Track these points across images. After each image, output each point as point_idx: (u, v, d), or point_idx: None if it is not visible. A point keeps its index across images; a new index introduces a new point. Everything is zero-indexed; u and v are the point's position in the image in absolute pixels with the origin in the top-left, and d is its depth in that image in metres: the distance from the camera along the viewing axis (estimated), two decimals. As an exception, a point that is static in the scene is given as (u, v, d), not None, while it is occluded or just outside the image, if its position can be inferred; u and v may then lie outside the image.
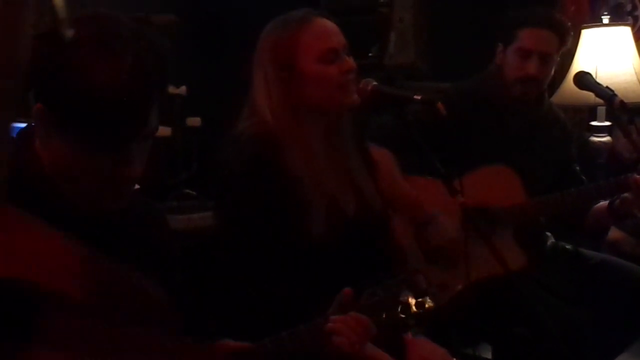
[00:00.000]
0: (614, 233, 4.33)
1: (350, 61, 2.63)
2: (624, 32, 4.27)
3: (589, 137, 4.21)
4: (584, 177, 3.68)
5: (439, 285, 3.21)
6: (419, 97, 2.67)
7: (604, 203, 3.49)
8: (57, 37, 1.28)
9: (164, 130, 4.60)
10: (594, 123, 4.16)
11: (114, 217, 1.74)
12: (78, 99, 1.51)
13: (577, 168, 3.71)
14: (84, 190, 1.64)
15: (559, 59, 3.55)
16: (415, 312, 2.09)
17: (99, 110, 1.52)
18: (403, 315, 2.11)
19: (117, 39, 1.56)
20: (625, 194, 3.34)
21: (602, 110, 4.11)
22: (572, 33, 3.57)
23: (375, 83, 2.76)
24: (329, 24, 2.64)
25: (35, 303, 0.66)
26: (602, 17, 4.44)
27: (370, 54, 5.74)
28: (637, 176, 3.27)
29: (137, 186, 3.53)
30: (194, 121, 4.70)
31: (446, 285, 3.22)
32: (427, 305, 2.07)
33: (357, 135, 2.78)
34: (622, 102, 3.11)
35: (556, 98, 4.19)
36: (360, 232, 2.64)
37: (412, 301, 2.06)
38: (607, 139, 4.12)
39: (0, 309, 0.65)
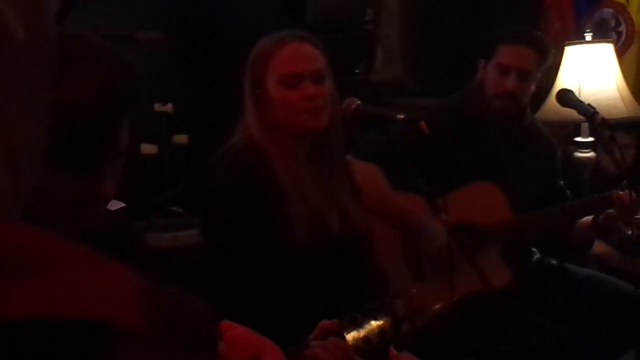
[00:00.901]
0: (599, 247, 4.34)
1: (315, 88, 2.63)
2: (607, 49, 4.30)
3: (574, 152, 4.23)
4: (568, 192, 3.70)
5: (425, 301, 3.23)
6: (402, 117, 2.69)
7: (588, 218, 3.51)
8: None
9: (151, 148, 4.61)
10: (578, 139, 4.18)
11: (87, 237, 1.73)
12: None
13: (562, 183, 3.73)
14: (55, 210, 1.64)
15: (540, 75, 3.58)
16: (392, 337, 2.10)
17: (68, 129, 1.52)
18: (381, 340, 2.12)
19: (86, 58, 1.56)
20: (609, 210, 3.36)
21: (586, 126, 4.12)
22: (552, 50, 3.60)
23: (358, 102, 2.78)
24: (303, 49, 2.66)
25: (104, 340, 0.65)
26: (585, 34, 4.46)
27: (356, 71, 5.76)
28: (620, 192, 3.30)
29: (122, 204, 3.55)
30: (181, 138, 4.70)
31: (432, 302, 3.23)
32: (403, 332, 2.09)
33: (343, 153, 2.80)
34: (603, 119, 3.13)
35: (541, 114, 4.20)
36: (344, 248, 2.66)
37: (390, 327, 2.07)
38: (591, 154, 4.13)
39: (68, 349, 0.64)
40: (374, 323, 2.11)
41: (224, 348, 1.18)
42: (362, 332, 2.15)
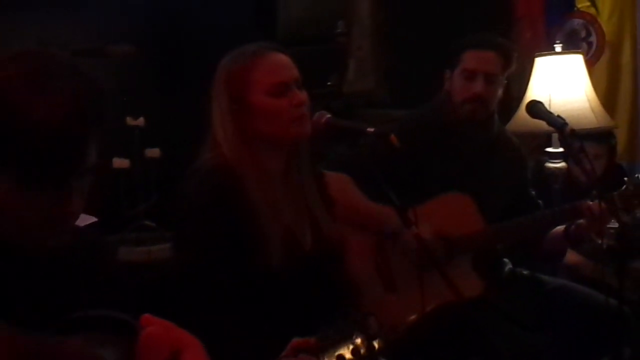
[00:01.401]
0: (572, 257, 4.36)
1: (301, 94, 2.65)
2: (577, 60, 4.33)
3: (545, 162, 4.25)
4: (540, 201, 3.71)
5: (397, 313, 3.23)
6: (372, 130, 2.70)
7: (559, 228, 3.52)
8: None
9: (123, 162, 4.59)
10: (549, 149, 4.20)
11: (55, 255, 1.73)
12: (13, 136, 1.51)
13: (532, 192, 3.75)
14: (23, 228, 1.63)
15: (505, 80, 3.60)
16: (365, 354, 2.10)
17: (34, 147, 1.51)
18: (354, 357, 2.12)
19: (52, 76, 1.56)
20: (580, 220, 3.38)
21: (557, 136, 4.15)
22: (516, 54, 3.61)
23: (329, 116, 2.78)
24: (282, 58, 2.67)
25: None
26: (555, 45, 4.49)
27: (329, 83, 5.76)
28: (590, 203, 3.31)
29: (95, 218, 3.53)
30: (153, 152, 4.69)
31: (405, 313, 3.23)
32: (377, 349, 2.09)
33: (313, 166, 2.80)
34: (572, 130, 3.15)
35: (512, 125, 4.22)
36: (317, 264, 2.66)
37: (363, 344, 2.07)
38: (562, 164, 4.16)
39: None
40: (347, 340, 2.11)
41: (142, 345, 1.18)
42: (335, 350, 2.15)
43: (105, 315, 1.40)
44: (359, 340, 2.04)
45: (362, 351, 2.05)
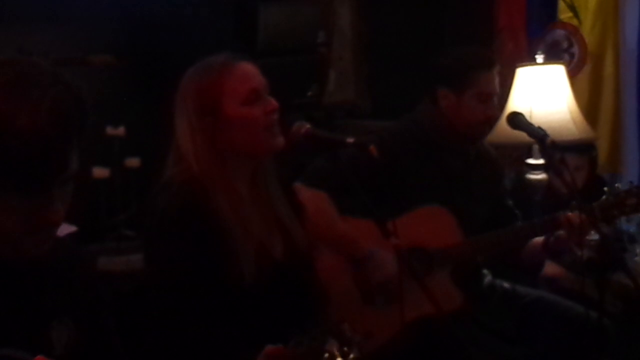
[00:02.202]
0: (552, 269, 4.36)
1: (273, 101, 2.65)
2: (558, 71, 4.32)
3: (526, 174, 4.25)
4: (517, 212, 3.71)
5: (375, 325, 3.22)
6: (351, 141, 2.68)
7: (538, 240, 3.52)
8: None
9: (103, 172, 4.58)
10: (529, 161, 4.20)
11: (36, 264, 1.72)
12: None
13: (510, 202, 3.74)
14: (2, 236, 1.61)
15: None
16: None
17: (16, 154, 1.50)
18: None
19: (34, 84, 1.55)
20: (559, 232, 3.37)
21: (537, 148, 4.15)
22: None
23: (308, 126, 2.77)
24: (250, 67, 2.67)
25: None
26: (537, 56, 4.48)
27: (309, 93, 5.75)
28: (569, 214, 3.31)
29: (74, 228, 3.51)
30: (133, 162, 4.68)
31: (383, 326, 3.22)
32: (352, 356, 2.07)
33: (281, 176, 2.79)
34: (553, 141, 3.14)
35: (492, 136, 4.21)
36: (288, 274, 2.65)
37: (337, 351, 2.06)
38: (542, 176, 4.16)
39: None
40: (321, 348, 2.09)
41: None
42: (308, 357, 2.13)
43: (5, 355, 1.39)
44: (333, 347, 2.03)
45: (337, 358, 2.04)
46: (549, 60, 4.58)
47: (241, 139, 2.60)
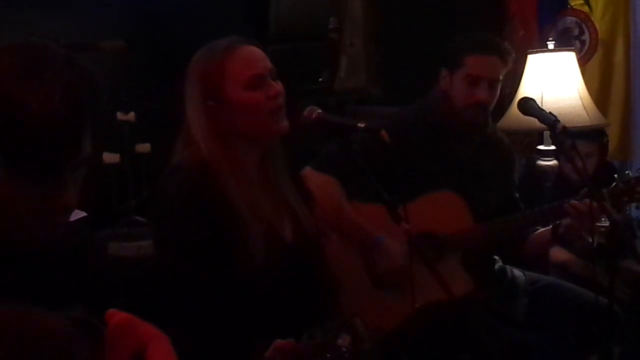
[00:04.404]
0: (562, 255, 4.37)
1: (277, 85, 2.64)
2: (569, 58, 4.32)
3: (537, 160, 4.24)
4: (522, 205, 3.69)
5: (386, 310, 3.23)
6: (362, 125, 2.68)
7: (542, 231, 3.52)
8: None
9: (113, 157, 4.58)
10: (540, 147, 4.20)
11: (47, 249, 1.72)
12: (7, 127, 1.50)
13: (517, 195, 3.73)
14: (15, 222, 1.62)
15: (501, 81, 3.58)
16: (353, 355, 2.09)
17: (29, 139, 1.50)
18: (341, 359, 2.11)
19: (47, 67, 1.55)
20: (567, 220, 3.37)
21: (549, 134, 4.14)
22: (514, 55, 3.59)
23: (319, 111, 2.77)
24: (255, 51, 2.65)
25: None
26: (548, 42, 4.48)
27: (320, 79, 5.74)
28: (575, 202, 3.30)
29: (84, 213, 3.52)
30: (144, 147, 4.68)
31: (393, 311, 3.22)
32: (365, 348, 2.08)
33: (289, 160, 2.79)
34: (564, 127, 3.13)
35: (503, 122, 4.22)
36: (298, 257, 2.66)
37: (350, 345, 2.06)
38: (553, 162, 4.16)
39: None
40: (334, 342, 2.10)
41: (108, 340, 1.17)
42: (320, 351, 2.13)
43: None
44: (346, 341, 2.03)
45: (349, 353, 2.04)
46: (560, 47, 4.57)
47: (244, 123, 2.60)
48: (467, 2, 5.74)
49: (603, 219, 3.32)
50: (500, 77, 3.51)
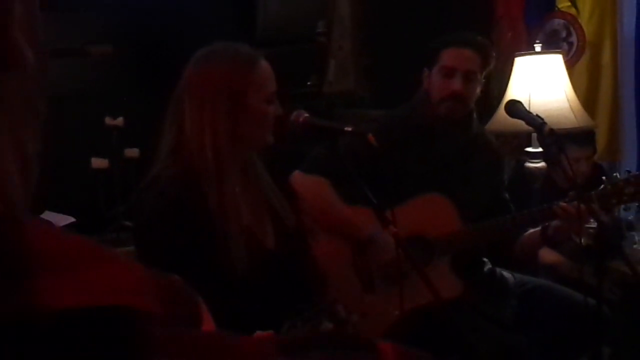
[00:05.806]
0: (551, 256, 4.37)
1: (278, 107, 2.69)
2: (556, 60, 4.33)
3: (525, 162, 4.25)
4: (512, 206, 3.70)
5: (375, 313, 3.23)
6: (350, 129, 2.69)
7: (532, 232, 3.53)
8: None
9: (102, 162, 4.58)
10: (528, 149, 4.21)
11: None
12: None
13: (506, 195, 3.74)
14: None
15: (484, 79, 3.59)
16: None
17: None
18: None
19: None
20: (556, 222, 3.38)
21: (537, 136, 4.16)
22: (494, 53, 3.61)
23: (306, 115, 2.78)
24: (269, 67, 2.68)
25: (131, 323, 0.75)
26: (535, 45, 4.49)
27: (308, 83, 5.75)
28: (563, 204, 3.31)
29: (73, 219, 3.50)
30: (132, 152, 4.68)
31: (383, 313, 3.23)
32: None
33: (274, 165, 2.80)
34: (551, 130, 3.14)
35: (492, 125, 4.23)
36: (282, 263, 2.66)
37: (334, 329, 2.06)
38: (541, 164, 4.16)
39: (104, 333, 0.73)
40: (316, 329, 2.09)
41: None
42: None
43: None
44: (329, 328, 2.03)
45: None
46: (547, 49, 4.59)
47: (253, 131, 2.62)
48: (454, 5, 5.76)
49: (592, 220, 3.33)
50: (477, 70, 3.52)
